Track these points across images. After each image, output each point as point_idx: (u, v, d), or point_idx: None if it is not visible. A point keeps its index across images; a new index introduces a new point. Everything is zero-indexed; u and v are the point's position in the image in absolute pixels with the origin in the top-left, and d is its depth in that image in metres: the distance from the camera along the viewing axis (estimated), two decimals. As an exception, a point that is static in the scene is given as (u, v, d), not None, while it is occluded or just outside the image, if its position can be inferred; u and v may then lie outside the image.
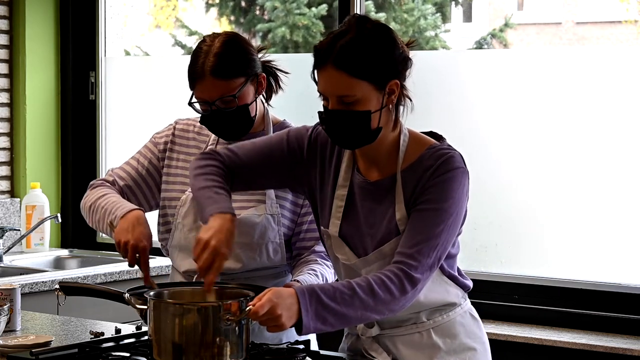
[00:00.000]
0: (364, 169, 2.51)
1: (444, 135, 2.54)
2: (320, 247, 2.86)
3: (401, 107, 2.47)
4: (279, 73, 2.91)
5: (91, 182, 2.96)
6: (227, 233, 2.41)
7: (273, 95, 2.93)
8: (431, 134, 2.54)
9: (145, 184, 2.94)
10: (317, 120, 2.56)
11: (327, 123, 2.42)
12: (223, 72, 2.73)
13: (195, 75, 2.75)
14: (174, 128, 2.98)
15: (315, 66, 2.41)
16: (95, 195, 2.88)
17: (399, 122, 2.48)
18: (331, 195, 2.54)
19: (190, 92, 2.80)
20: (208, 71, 2.72)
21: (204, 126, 2.93)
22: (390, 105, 2.42)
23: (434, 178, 2.40)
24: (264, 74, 2.83)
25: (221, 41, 2.77)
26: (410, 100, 2.46)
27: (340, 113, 2.39)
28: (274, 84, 2.91)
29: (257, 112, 2.84)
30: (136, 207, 2.76)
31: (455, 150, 2.46)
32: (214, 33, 2.84)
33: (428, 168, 2.42)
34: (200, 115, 2.83)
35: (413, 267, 2.35)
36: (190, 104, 2.80)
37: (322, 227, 2.57)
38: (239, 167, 2.58)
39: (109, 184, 2.92)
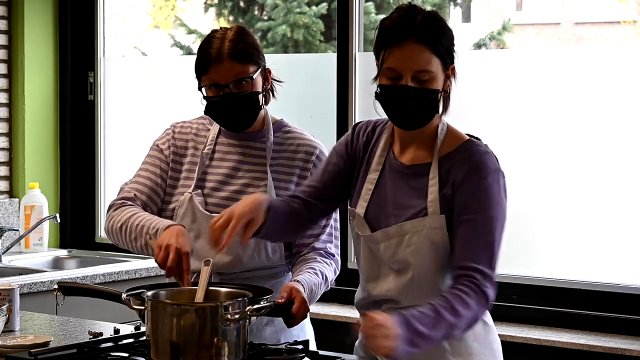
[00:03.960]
0: (398, 153, 2.54)
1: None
2: (319, 244, 2.87)
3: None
4: (274, 82, 2.94)
5: (111, 203, 2.92)
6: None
7: (268, 101, 2.95)
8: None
9: (163, 192, 2.94)
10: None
11: (396, 99, 2.42)
12: (239, 56, 2.78)
13: (209, 58, 2.79)
14: (173, 132, 2.98)
15: (388, 43, 2.41)
16: (123, 215, 2.85)
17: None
18: (363, 178, 2.57)
19: (197, 81, 2.84)
20: (226, 54, 2.77)
21: (200, 128, 2.95)
22: (447, 90, 2.47)
23: (476, 180, 2.41)
24: (269, 69, 2.87)
25: (234, 31, 2.83)
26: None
27: (415, 89, 2.40)
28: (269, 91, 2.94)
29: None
30: (177, 223, 2.76)
31: (490, 150, 2.50)
32: (222, 27, 2.90)
33: (468, 160, 2.44)
34: (194, 117, 2.84)
35: (484, 284, 2.37)
36: (200, 88, 2.83)
37: (349, 207, 2.59)
38: (320, 194, 2.62)
39: (130, 202, 2.90)
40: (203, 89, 2.84)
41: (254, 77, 2.81)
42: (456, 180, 2.43)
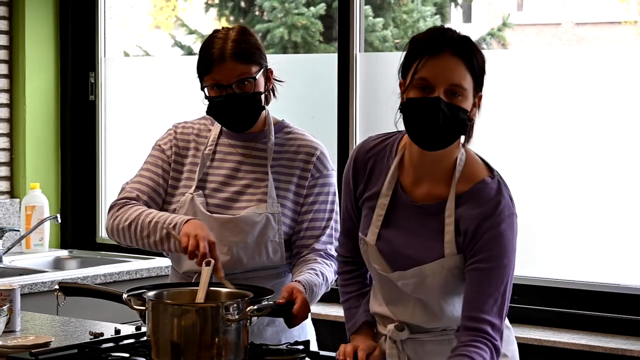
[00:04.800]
0: (410, 184, 2.46)
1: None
2: (320, 246, 2.87)
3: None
4: (274, 82, 2.94)
5: (112, 204, 2.91)
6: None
7: (269, 101, 2.95)
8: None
9: (165, 192, 2.94)
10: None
11: (426, 112, 2.33)
12: (242, 56, 2.79)
13: (212, 58, 2.79)
14: (175, 132, 2.98)
15: (422, 53, 2.34)
16: (131, 213, 2.84)
17: (460, 142, 2.43)
18: (370, 202, 2.51)
19: (200, 81, 2.84)
20: (229, 54, 2.77)
21: (202, 128, 2.95)
22: (473, 118, 2.39)
23: (489, 229, 2.36)
24: (271, 69, 2.87)
25: (236, 31, 2.83)
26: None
27: (447, 103, 2.32)
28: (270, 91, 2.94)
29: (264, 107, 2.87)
30: (193, 217, 2.78)
31: (506, 186, 2.43)
32: (224, 27, 2.89)
33: (481, 206, 2.38)
34: (195, 117, 2.83)
35: (495, 338, 2.35)
36: (202, 88, 2.83)
37: (360, 234, 2.53)
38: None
39: (133, 201, 2.90)
40: (205, 89, 2.84)
41: (257, 77, 2.81)
42: (469, 229, 2.38)
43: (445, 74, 2.32)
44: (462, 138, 2.43)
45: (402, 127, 2.40)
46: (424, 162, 2.43)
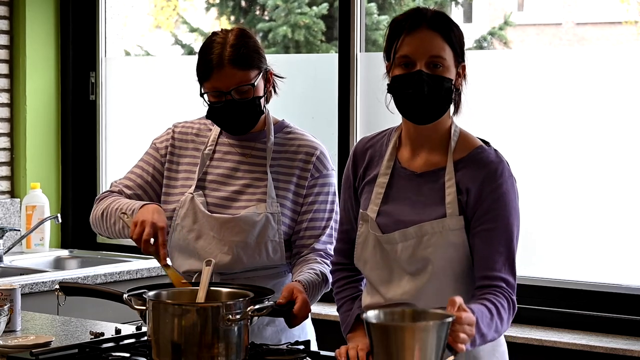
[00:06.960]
0: (408, 159, 2.53)
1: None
2: (319, 245, 2.87)
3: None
4: (275, 78, 2.93)
5: (97, 197, 2.96)
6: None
7: (269, 99, 2.95)
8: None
9: (152, 191, 2.95)
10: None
11: (410, 86, 2.43)
12: (241, 62, 2.78)
13: (211, 65, 2.78)
14: (173, 132, 2.99)
15: (400, 32, 2.44)
16: (105, 203, 2.89)
17: (450, 113, 2.53)
18: (371, 183, 2.57)
19: (199, 86, 2.84)
20: (227, 60, 2.76)
21: (202, 128, 2.95)
22: (459, 88, 2.50)
23: (492, 190, 2.44)
24: (271, 71, 2.87)
25: (235, 34, 2.82)
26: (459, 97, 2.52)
27: (429, 75, 2.42)
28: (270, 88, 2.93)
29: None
30: (155, 202, 2.79)
31: (502, 155, 2.52)
32: (223, 29, 2.88)
33: (480, 169, 2.46)
34: (195, 117, 2.83)
35: (511, 292, 2.42)
36: (202, 95, 2.82)
37: (361, 210, 2.58)
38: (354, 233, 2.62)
39: (116, 194, 2.92)
40: (205, 95, 2.83)
41: (256, 83, 2.81)
42: (470, 190, 2.45)
43: (423, 47, 2.43)
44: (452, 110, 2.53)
45: (393, 109, 2.50)
46: (420, 134, 2.52)
